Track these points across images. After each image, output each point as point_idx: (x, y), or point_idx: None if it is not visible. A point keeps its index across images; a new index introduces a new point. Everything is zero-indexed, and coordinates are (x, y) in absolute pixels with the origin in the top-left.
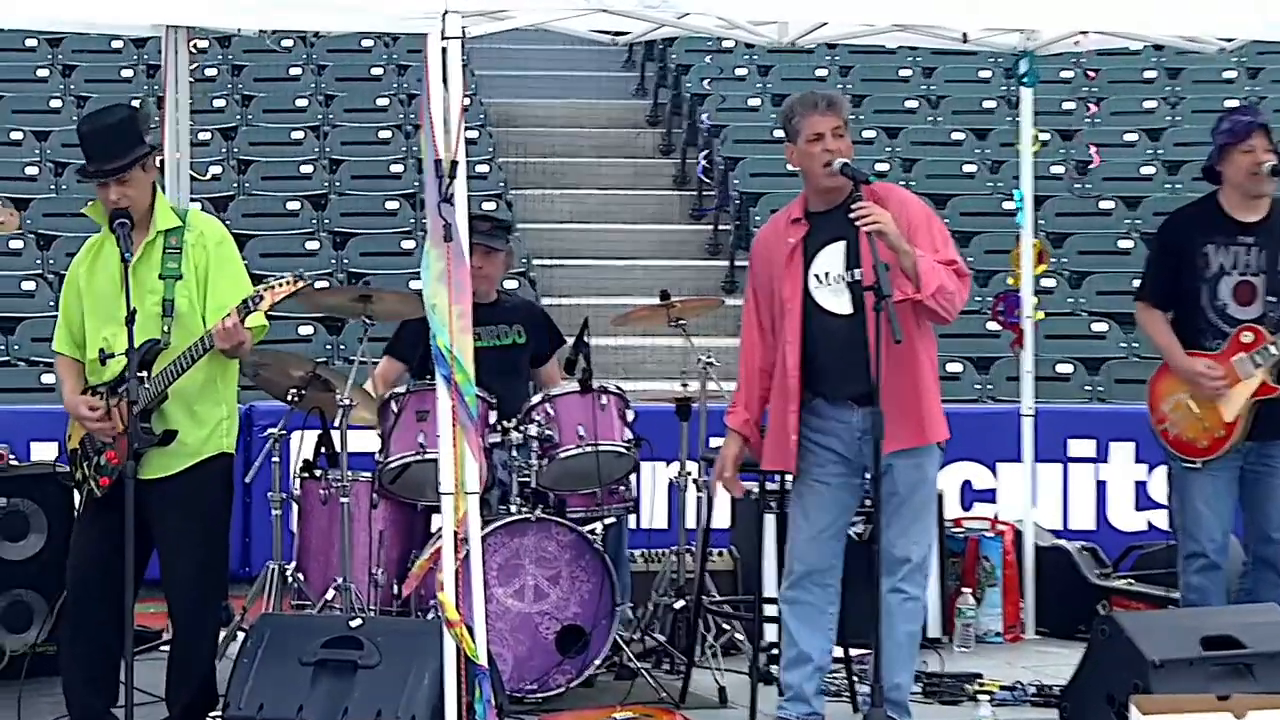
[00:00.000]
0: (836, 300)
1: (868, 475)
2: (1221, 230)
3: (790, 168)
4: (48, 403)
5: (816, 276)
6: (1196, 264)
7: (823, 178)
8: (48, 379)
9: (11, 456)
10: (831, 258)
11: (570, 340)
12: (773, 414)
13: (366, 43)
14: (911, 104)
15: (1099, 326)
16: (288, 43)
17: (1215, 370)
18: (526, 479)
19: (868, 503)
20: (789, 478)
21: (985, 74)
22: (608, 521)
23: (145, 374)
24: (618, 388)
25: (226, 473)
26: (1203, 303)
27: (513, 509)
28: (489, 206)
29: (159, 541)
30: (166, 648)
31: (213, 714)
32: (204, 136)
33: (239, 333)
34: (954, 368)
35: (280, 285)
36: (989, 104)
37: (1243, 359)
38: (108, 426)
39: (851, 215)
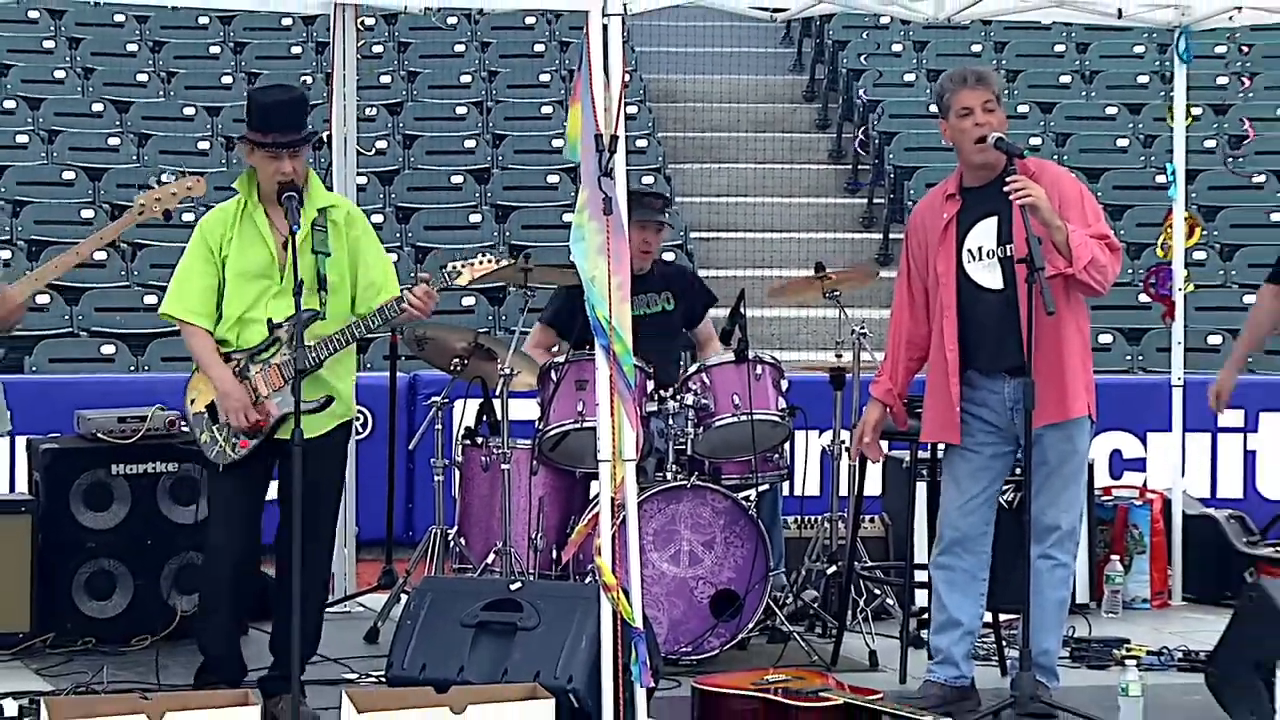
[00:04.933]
0: (989, 276)
1: (1019, 445)
2: None
3: (945, 142)
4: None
5: (969, 252)
6: None
7: (974, 153)
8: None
9: (183, 423)
10: (984, 234)
11: (721, 300)
12: (932, 387)
13: (529, 20)
14: (1065, 79)
15: (1250, 299)
16: (452, 20)
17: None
18: (682, 447)
19: (1018, 471)
20: (940, 446)
21: (1139, 49)
22: (762, 489)
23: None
24: (773, 358)
25: (349, 438)
26: None
27: (669, 476)
28: (648, 180)
29: (299, 497)
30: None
31: (377, 673)
32: (370, 112)
33: (434, 300)
34: (1105, 339)
35: (482, 263)
36: (1142, 79)
37: None
38: (253, 423)
39: (1005, 189)
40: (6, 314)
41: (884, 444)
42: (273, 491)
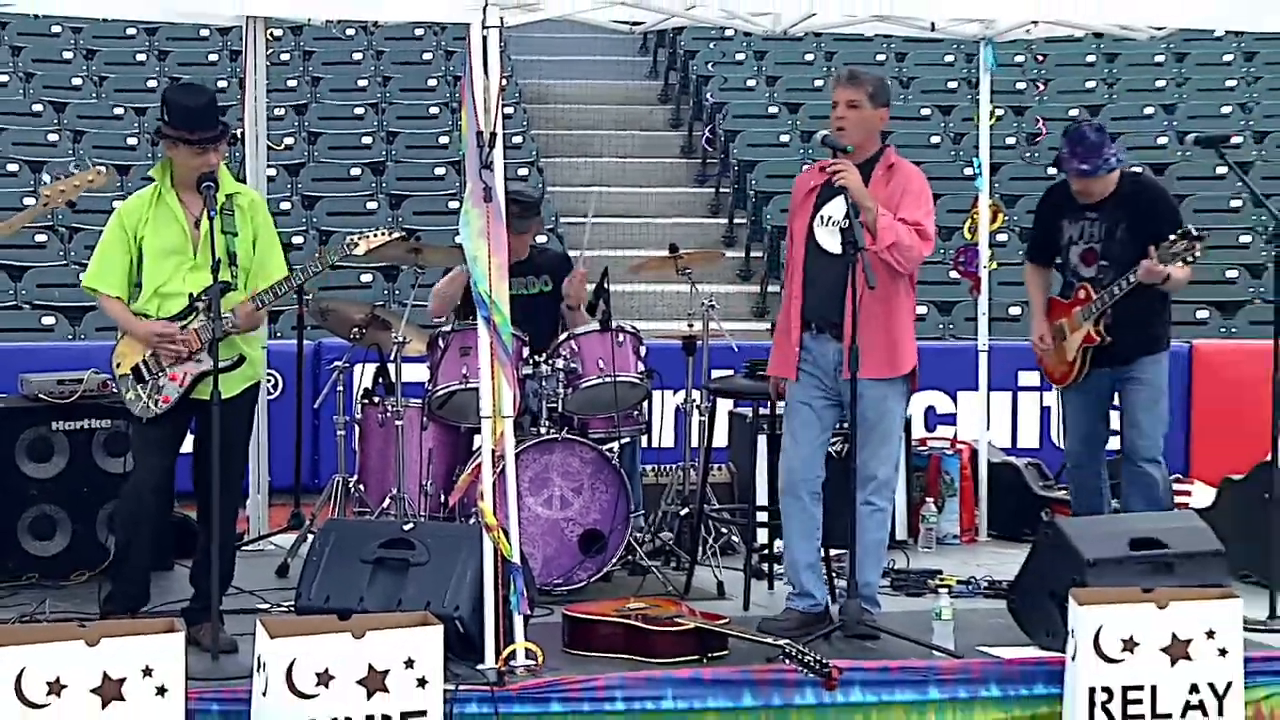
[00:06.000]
0: (831, 240)
1: (843, 403)
2: (1073, 206)
3: (782, 139)
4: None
5: (821, 218)
6: (1057, 233)
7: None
8: None
9: (113, 385)
10: (837, 206)
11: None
12: (779, 332)
13: (419, 31)
14: None
15: None
16: (351, 32)
17: (1041, 328)
18: (554, 405)
19: (844, 426)
20: (781, 405)
21: (949, 59)
22: (623, 441)
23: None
24: (633, 327)
25: (258, 398)
26: (1062, 264)
27: (542, 430)
28: (523, 173)
29: (217, 450)
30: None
31: (287, 604)
32: (279, 112)
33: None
34: (920, 310)
35: (377, 235)
36: (952, 84)
37: (1077, 312)
38: (186, 348)
39: (825, 167)
40: None
41: (730, 401)
42: (189, 445)
